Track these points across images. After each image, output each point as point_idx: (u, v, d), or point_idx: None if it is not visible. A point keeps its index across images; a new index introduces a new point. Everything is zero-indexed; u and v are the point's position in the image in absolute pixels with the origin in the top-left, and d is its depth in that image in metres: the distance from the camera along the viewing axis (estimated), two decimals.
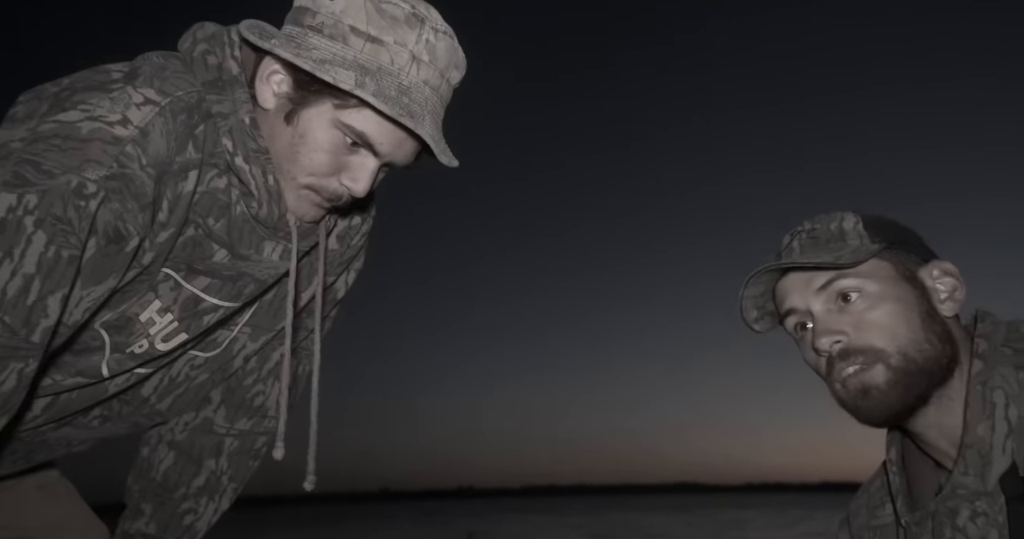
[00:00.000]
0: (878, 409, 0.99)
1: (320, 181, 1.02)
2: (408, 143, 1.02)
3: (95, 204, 0.87)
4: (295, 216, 1.06)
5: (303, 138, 0.99)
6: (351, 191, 1.03)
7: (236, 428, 1.30)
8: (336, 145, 0.99)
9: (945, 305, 1.02)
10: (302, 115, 0.99)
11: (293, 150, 1.00)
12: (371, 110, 0.97)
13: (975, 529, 0.98)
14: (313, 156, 1.00)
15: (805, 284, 1.03)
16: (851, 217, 1.06)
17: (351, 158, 1.01)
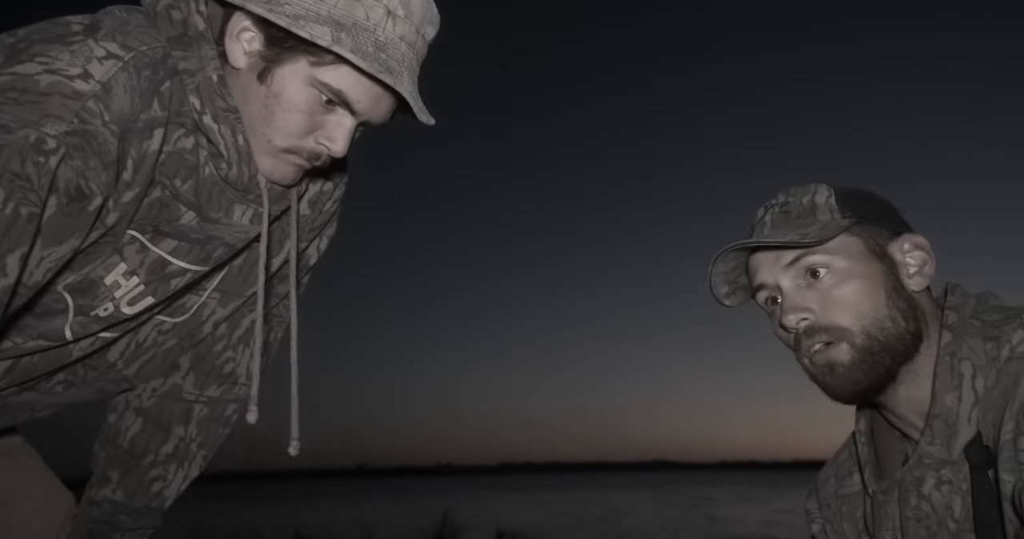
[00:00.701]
0: (844, 386, 1.00)
1: (298, 142, 0.99)
2: (385, 100, 1.00)
3: (55, 160, 0.84)
4: (273, 179, 1.04)
5: (278, 98, 0.97)
6: (329, 151, 1.01)
7: (205, 395, 1.29)
8: (312, 104, 0.97)
9: (913, 280, 1.03)
10: (276, 74, 0.96)
11: (268, 111, 0.97)
12: (348, 67, 0.95)
13: (940, 497, 0.99)
14: (288, 116, 0.97)
15: (774, 260, 1.04)
16: (824, 191, 1.06)
17: (328, 117, 0.99)
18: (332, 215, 1.26)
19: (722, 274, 1.11)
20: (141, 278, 1.05)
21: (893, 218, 1.07)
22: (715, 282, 1.11)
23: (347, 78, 0.96)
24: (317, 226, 1.25)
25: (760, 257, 1.06)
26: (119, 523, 1.25)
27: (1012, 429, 0.87)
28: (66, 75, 0.85)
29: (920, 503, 1.01)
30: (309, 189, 1.18)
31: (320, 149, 1.01)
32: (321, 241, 1.30)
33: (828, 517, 1.21)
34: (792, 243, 1.00)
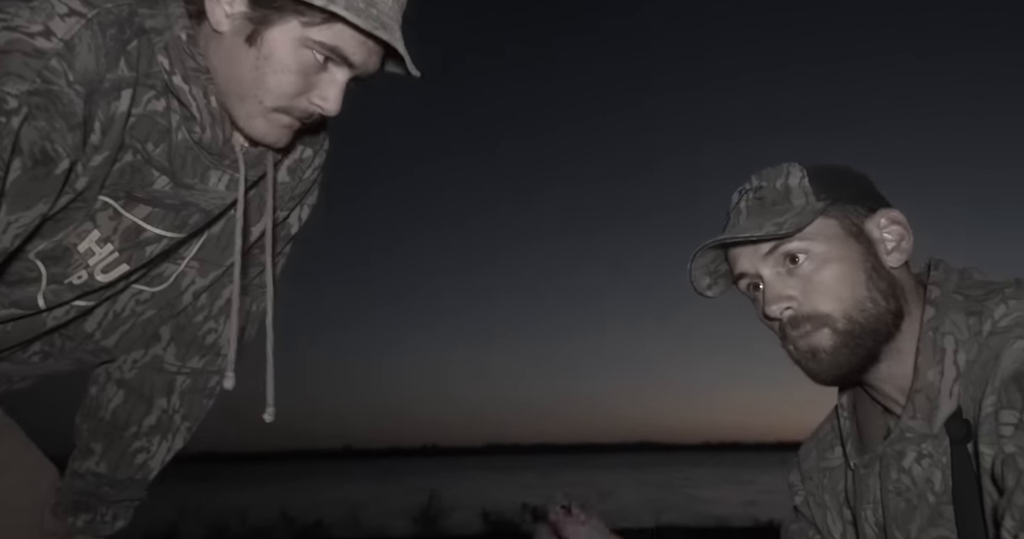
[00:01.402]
0: (828, 370, 1.00)
1: (291, 102, 0.97)
2: (375, 54, 0.99)
3: (17, 121, 0.81)
4: (266, 142, 1.02)
5: (268, 60, 0.94)
6: (323, 110, 0.99)
7: (188, 366, 1.27)
8: (305, 64, 0.95)
9: (892, 256, 1.02)
10: (266, 36, 0.93)
11: (259, 73, 0.95)
12: (342, 24, 0.93)
13: (920, 470, 1.00)
14: (281, 77, 0.95)
15: (752, 250, 1.03)
16: (797, 172, 1.04)
17: (320, 76, 0.97)
18: (312, 183, 1.24)
19: (702, 267, 1.11)
20: (115, 245, 1.03)
21: (868, 194, 1.06)
22: (695, 276, 1.11)
23: (342, 35, 0.94)
24: (297, 194, 1.23)
25: (739, 247, 1.05)
26: (103, 495, 1.24)
27: (993, 403, 0.86)
28: (26, 32, 0.82)
29: (901, 476, 1.01)
30: (288, 156, 1.16)
31: (314, 109, 0.99)
32: (302, 210, 1.28)
33: (810, 490, 1.21)
34: (769, 236, 0.99)
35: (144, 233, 1.04)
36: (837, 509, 1.16)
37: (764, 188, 1.05)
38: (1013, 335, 0.88)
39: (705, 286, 1.12)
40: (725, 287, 1.13)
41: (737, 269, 1.06)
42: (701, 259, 1.09)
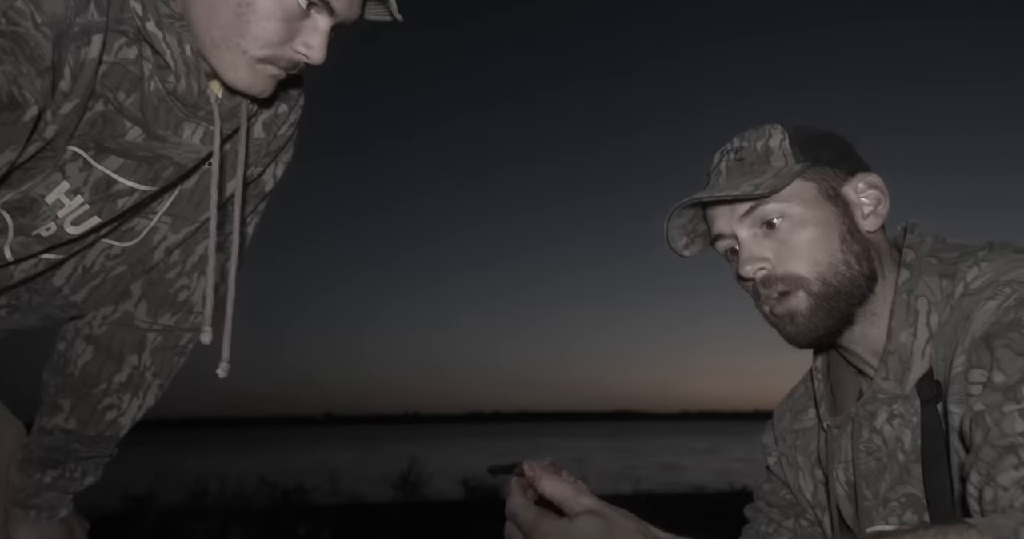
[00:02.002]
0: (804, 333, 1.01)
1: (275, 51, 0.95)
2: (357, 1, 0.97)
3: None
4: (251, 93, 0.99)
5: (251, 6, 0.91)
6: (308, 58, 0.97)
7: (160, 323, 1.25)
8: (289, 11, 0.93)
9: (868, 220, 1.03)
10: None
11: (241, 21, 0.92)
12: None
13: (891, 430, 1.01)
14: (265, 25, 0.92)
15: (730, 211, 1.03)
16: (778, 133, 1.04)
17: (303, 23, 0.95)
18: (288, 140, 1.22)
19: (679, 226, 1.10)
20: (85, 197, 1.00)
21: (848, 157, 1.05)
22: (672, 235, 1.10)
23: None
24: (272, 150, 1.20)
25: (716, 207, 1.05)
26: (72, 451, 1.23)
27: (963, 362, 0.87)
28: None
29: (872, 436, 1.03)
30: (262, 111, 1.13)
31: (298, 57, 0.97)
32: (277, 167, 1.25)
33: (783, 450, 1.23)
34: (745, 196, 0.99)
35: (115, 185, 1.01)
36: (809, 469, 1.18)
37: (744, 149, 1.05)
38: (984, 296, 0.89)
39: (682, 246, 1.12)
40: (702, 247, 1.13)
41: (715, 230, 1.06)
42: (678, 219, 1.09)
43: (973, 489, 0.74)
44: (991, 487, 0.71)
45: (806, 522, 1.20)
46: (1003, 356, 0.79)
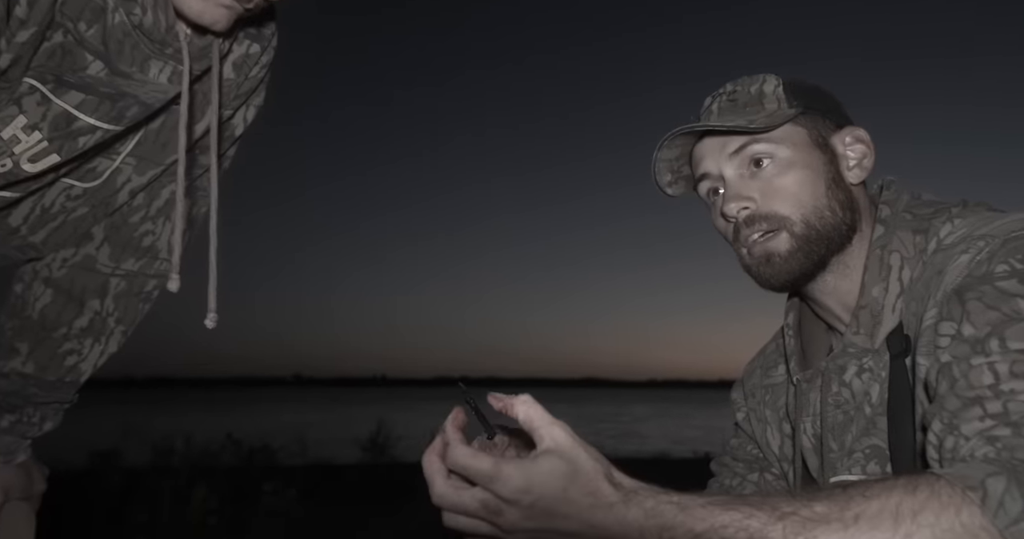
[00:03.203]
0: (778, 275, 1.00)
1: None
2: None
3: None
4: (202, 22, 0.94)
5: None
6: None
7: (123, 268, 1.21)
8: None
9: (852, 172, 1.03)
10: None
11: None
12: None
13: (860, 384, 1.02)
14: None
15: (719, 149, 1.03)
16: (772, 80, 1.04)
17: None
18: (260, 82, 1.17)
19: (666, 161, 1.09)
20: (44, 134, 0.96)
21: (838, 111, 1.06)
22: (659, 169, 1.09)
23: None
24: (243, 93, 1.16)
25: (705, 145, 1.05)
26: (30, 396, 1.19)
27: (934, 315, 0.88)
28: None
29: (840, 390, 1.04)
30: (234, 50, 1.09)
31: None
32: (248, 111, 1.21)
33: (752, 406, 1.24)
34: (739, 128, 0.99)
35: (76, 122, 0.96)
36: (777, 424, 1.19)
37: (738, 92, 1.05)
38: (957, 250, 0.89)
39: (667, 182, 1.11)
40: (685, 189, 1.12)
41: (700, 169, 1.06)
42: (667, 153, 1.08)
43: (934, 437, 0.75)
44: (953, 436, 0.72)
45: (771, 476, 1.22)
46: (974, 309, 0.79)
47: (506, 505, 0.68)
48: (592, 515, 0.68)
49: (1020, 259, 0.81)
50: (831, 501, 0.65)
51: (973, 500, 0.62)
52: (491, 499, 0.69)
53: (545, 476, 0.68)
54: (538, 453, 0.70)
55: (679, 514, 0.67)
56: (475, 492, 0.70)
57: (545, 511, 0.68)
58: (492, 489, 0.69)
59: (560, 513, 0.68)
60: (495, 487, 0.68)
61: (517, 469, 0.69)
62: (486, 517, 0.70)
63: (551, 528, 0.69)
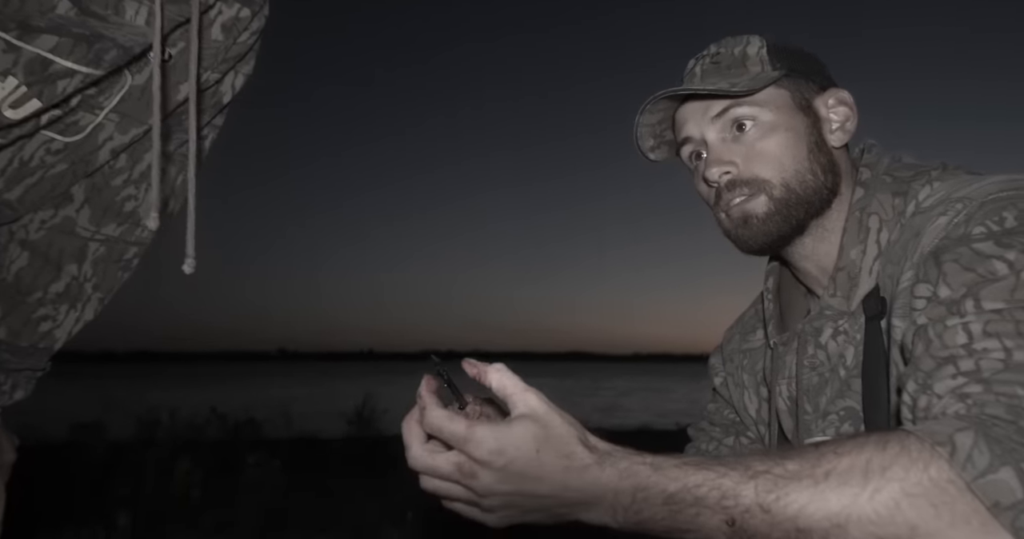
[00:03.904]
0: (755, 237, 1.00)
1: None
2: None
3: None
4: None
5: None
6: None
7: (103, 233, 1.19)
8: None
9: (835, 135, 1.03)
10: None
11: None
12: None
13: (835, 346, 1.03)
14: None
15: (702, 112, 1.02)
16: (756, 42, 1.03)
17: None
18: (249, 49, 1.14)
19: (649, 126, 1.08)
20: (20, 79, 0.93)
21: (821, 73, 1.06)
22: (641, 134, 1.08)
23: None
24: (231, 57, 1.13)
25: (688, 109, 1.04)
26: (2, 361, 1.18)
27: (911, 277, 0.88)
28: None
29: (816, 352, 1.04)
30: (224, 12, 1.06)
31: None
32: (236, 78, 1.18)
33: (730, 371, 1.25)
34: (721, 91, 0.98)
35: (52, 66, 0.94)
36: (754, 387, 1.20)
37: (721, 54, 1.04)
38: (935, 213, 0.89)
39: (648, 147, 1.10)
40: (667, 154, 1.12)
41: (683, 133, 1.05)
42: (649, 117, 1.07)
43: (908, 397, 0.75)
44: (926, 395, 0.72)
45: (747, 440, 1.23)
46: (950, 270, 0.79)
47: (480, 468, 0.69)
48: (566, 477, 0.68)
49: (997, 221, 0.81)
50: (803, 459, 0.66)
51: (942, 454, 0.62)
52: (465, 462, 0.69)
53: (518, 439, 0.68)
54: (512, 418, 0.70)
55: (653, 474, 0.67)
56: (449, 455, 0.71)
57: (518, 473, 0.68)
58: (466, 451, 0.69)
59: (533, 475, 0.68)
60: (468, 449, 0.69)
61: (491, 432, 0.69)
62: (460, 480, 0.70)
63: (525, 491, 0.69)
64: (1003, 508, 0.59)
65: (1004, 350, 0.70)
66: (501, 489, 0.69)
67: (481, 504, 0.71)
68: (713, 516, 0.66)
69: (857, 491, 0.63)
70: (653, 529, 0.68)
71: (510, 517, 0.72)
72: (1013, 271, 0.75)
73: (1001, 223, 0.81)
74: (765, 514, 0.64)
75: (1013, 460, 0.60)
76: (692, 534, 0.68)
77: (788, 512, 0.64)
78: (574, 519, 0.72)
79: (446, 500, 0.74)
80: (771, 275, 1.17)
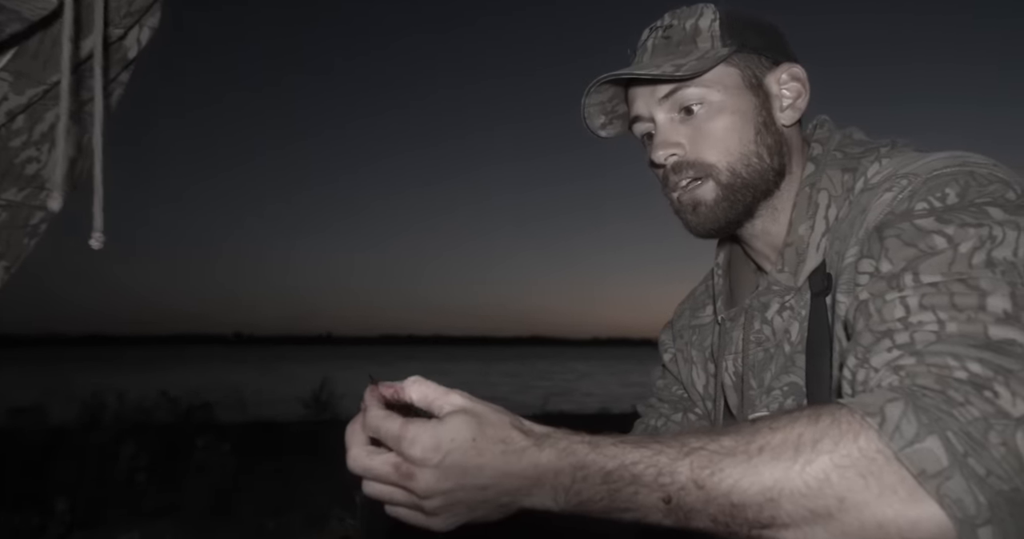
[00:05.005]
0: (704, 224, 1.00)
1: None
2: None
3: None
4: None
5: None
6: None
7: (4, 198, 1.10)
8: None
9: (785, 113, 1.01)
10: None
11: None
12: None
13: (780, 321, 1.02)
14: None
15: (650, 93, 1.00)
16: (709, 13, 1.00)
17: None
18: (155, 0, 1.07)
19: (598, 104, 1.06)
20: None
21: (775, 47, 1.03)
22: (589, 113, 1.06)
23: None
24: (135, 11, 1.05)
25: (637, 87, 1.02)
26: None
27: (855, 253, 0.87)
28: None
29: (762, 327, 1.04)
30: None
31: None
32: (141, 31, 1.10)
33: (679, 347, 1.24)
34: (665, 76, 0.95)
35: None
36: (703, 363, 1.19)
37: (673, 27, 1.01)
38: (882, 189, 0.89)
39: (599, 125, 1.08)
40: (621, 130, 1.09)
41: (633, 111, 1.03)
42: (597, 96, 1.05)
43: (848, 372, 0.75)
44: (864, 369, 0.72)
45: (694, 416, 1.22)
46: (892, 246, 0.79)
47: (417, 468, 0.66)
48: (505, 462, 0.67)
49: (939, 197, 0.81)
50: (738, 435, 0.66)
51: (871, 425, 0.62)
52: (402, 462, 0.67)
53: (452, 432, 0.67)
54: (443, 416, 0.69)
55: (591, 452, 0.66)
56: (387, 456, 0.68)
57: (456, 466, 0.66)
58: (401, 450, 0.67)
59: (472, 466, 0.66)
60: (403, 448, 0.67)
61: (424, 429, 0.67)
62: (399, 482, 0.68)
63: (466, 484, 0.67)
64: (929, 476, 0.59)
65: (938, 322, 0.70)
66: (442, 487, 0.67)
67: (424, 507, 0.68)
68: (650, 494, 0.65)
69: (789, 464, 0.62)
70: (593, 510, 0.67)
71: (456, 517, 0.70)
72: (951, 245, 0.75)
73: (943, 199, 0.81)
74: (700, 490, 0.63)
75: (939, 429, 0.60)
76: (630, 514, 0.66)
77: (722, 487, 0.63)
78: (518, 508, 0.70)
79: (390, 505, 0.72)
80: (722, 251, 1.15)
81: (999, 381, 0.63)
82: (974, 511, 0.58)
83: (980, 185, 0.81)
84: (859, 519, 0.61)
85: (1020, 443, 0.60)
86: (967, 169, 0.83)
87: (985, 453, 0.59)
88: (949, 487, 0.59)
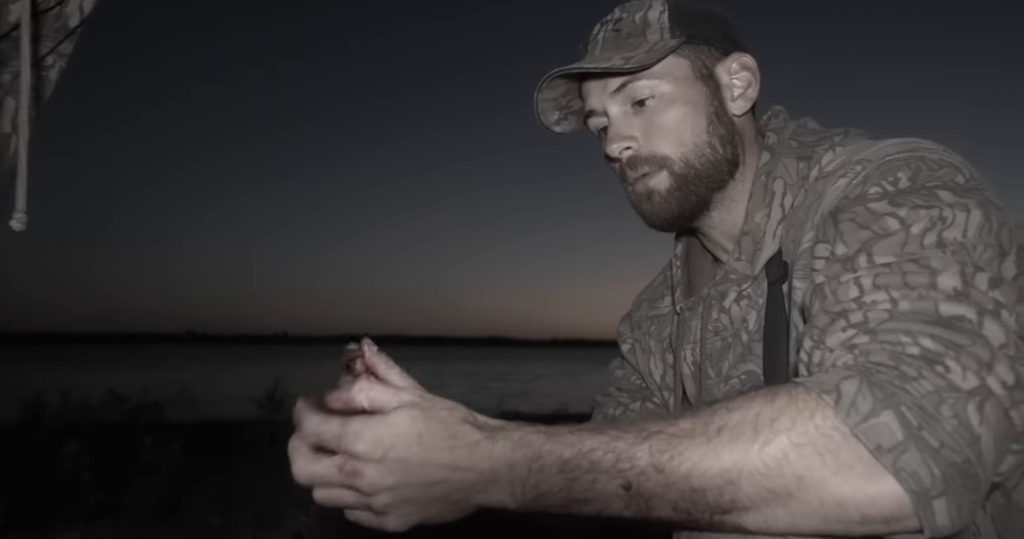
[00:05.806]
0: (658, 213, 1.00)
1: None
2: None
3: None
4: None
5: None
6: None
7: None
8: None
9: (736, 103, 1.02)
10: None
11: None
12: None
13: (738, 310, 1.02)
14: None
15: (602, 87, 1.00)
16: (658, 5, 1.01)
17: None
18: None
19: (551, 100, 1.06)
20: None
21: (725, 37, 1.04)
22: (542, 109, 1.06)
23: None
24: None
25: (590, 82, 1.02)
26: None
27: (811, 238, 0.88)
28: None
29: (720, 316, 1.04)
30: None
31: None
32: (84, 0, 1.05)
33: (638, 337, 1.23)
34: (614, 69, 0.96)
35: None
36: (660, 354, 1.19)
37: (623, 20, 1.01)
38: (836, 176, 0.90)
39: (553, 121, 1.07)
40: (576, 125, 1.09)
41: (587, 106, 1.03)
42: (550, 92, 1.04)
43: (804, 355, 0.75)
44: (820, 350, 0.72)
45: (652, 405, 1.21)
46: (846, 229, 0.80)
47: (362, 464, 0.64)
48: (454, 457, 0.65)
49: (891, 181, 0.82)
50: (696, 417, 0.65)
51: (828, 403, 0.62)
52: (346, 461, 0.65)
53: (396, 426, 0.65)
54: (388, 411, 0.66)
55: (547, 442, 0.65)
56: (332, 459, 0.66)
57: (400, 461, 0.64)
58: (345, 448, 0.65)
59: (418, 460, 0.64)
60: (346, 445, 0.64)
61: (366, 424, 0.65)
62: (346, 482, 0.66)
63: (412, 480, 0.65)
64: (884, 450, 0.60)
65: (891, 301, 0.71)
66: (386, 482, 0.64)
67: (372, 505, 0.66)
68: (610, 481, 0.63)
69: (747, 445, 0.62)
70: (551, 504, 0.65)
71: (409, 515, 0.67)
72: (904, 226, 0.76)
73: (896, 183, 0.82)
74: (659, 474, 0.62)
75: (894, 404, 0.61)
76: (590, 505, 0.65)
77: (681, 471, 0.62)
78: (474, 505, 0.68)
79: (347, 510, 0.69)
80: (680, 243, 1.15)
81: (950, 356, 0.64)
82: (929, 483, 0.59)
83: (931, 169, 0.82)
84: (818, 497, 0.61)
85: (971, 415, 0.61)
86: (918, 154, 0.84)
87: (938, 426, 0.60)
88: (904, 460, 0.59)
